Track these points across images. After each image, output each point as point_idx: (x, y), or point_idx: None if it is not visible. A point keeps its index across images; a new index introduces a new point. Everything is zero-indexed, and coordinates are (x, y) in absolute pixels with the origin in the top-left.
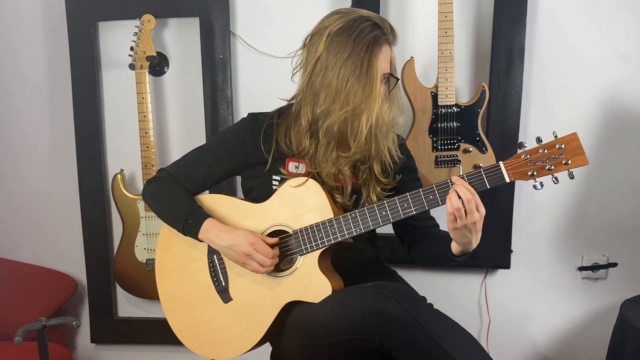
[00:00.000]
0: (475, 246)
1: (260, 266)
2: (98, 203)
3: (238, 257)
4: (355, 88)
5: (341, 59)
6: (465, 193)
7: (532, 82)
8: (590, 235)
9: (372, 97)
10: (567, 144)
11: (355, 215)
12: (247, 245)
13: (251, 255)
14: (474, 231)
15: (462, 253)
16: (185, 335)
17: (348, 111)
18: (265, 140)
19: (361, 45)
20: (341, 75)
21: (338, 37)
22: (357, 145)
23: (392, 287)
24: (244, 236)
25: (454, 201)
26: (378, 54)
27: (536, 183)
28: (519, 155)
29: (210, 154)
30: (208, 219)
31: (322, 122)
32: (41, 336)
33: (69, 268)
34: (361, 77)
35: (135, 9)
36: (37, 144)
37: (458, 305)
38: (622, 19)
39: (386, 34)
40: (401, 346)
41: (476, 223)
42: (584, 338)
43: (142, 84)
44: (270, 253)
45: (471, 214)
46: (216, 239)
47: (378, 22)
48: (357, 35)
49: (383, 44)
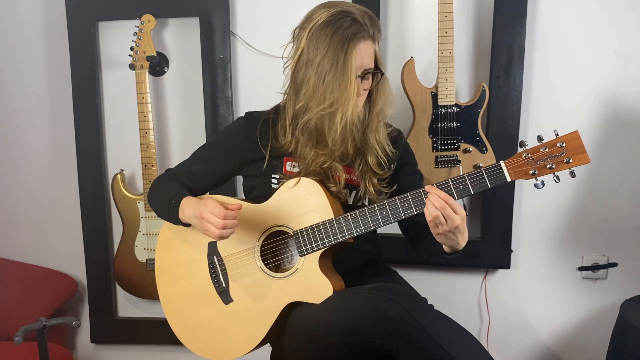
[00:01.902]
0: (464, 244)
1: (214, 227)
2: (98, 203)
3: (199, 223)
4: (332, 85)
5: (319, 55)
6: (438, 201)
7: (532, 82)
8: (590, 235)
9: (347, 94)
10: (569, 143)
11: (356, 216)
12: (203, 207)
13: (205, 217)
14: (458, 233)
15: (452, 251)
16: (186, 336)
17: (324, 108)
18: (262, 137)
19: (338, 42)
20: (319, 71)
21: (318, 33)
22: (332, 143)
23: (393, 289)
24: (203, 201)
25: (431, 210)
26: (353, 50)
27: (537, 182)
28: (520, 154)
29: (208, 153)
30: (186, 197)
31: (301, 118)
32: (41, 336)
33: (69, 268)
34: (337, 74)
35: (135, 9)
36: (37, 144)
37: (458, 305)
38: (622, 18)
39: (365, 29)
40: (402, 348)
41: (458, 226)
42: (584, 338)
43: (142, 84)
44: (221, 213)
45: (451, 220)
46: (188, 211)
47: (357, 17)
48: (334, 31)
49: (360, 40)
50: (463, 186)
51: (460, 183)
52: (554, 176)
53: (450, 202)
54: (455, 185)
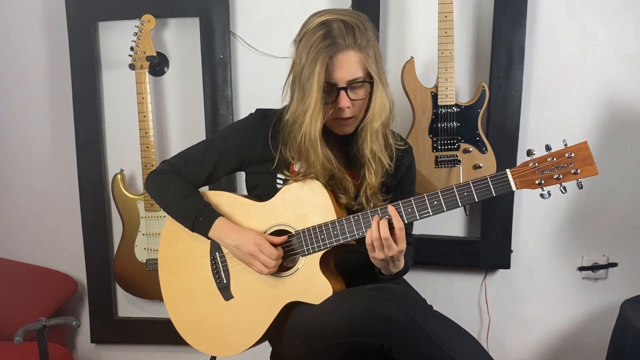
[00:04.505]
0: (396, 272)
1: (264, 267)
2: (98, 203)
3: (244, 256)
4: (299, 99)
5: (299, 68)
6: (384, 231)
7: (532, 82)
8: (590, 235)
9: (304, 107)
10: (577, 153)
11: (358, 218)
12: (252, 246)
13: (256, 255)
14: (391, 262)
15: (388, 273)
16: (186, 330)
17: (297, 121)
18: (273, 137)
19: (312, 55)
20: (300, 84)
21: (301, 47)
22: (315, 158)
23: (393, 290)
24: (251, 237)
25: (373, 234)
26: (320, 65)
27: (544, 192)
28: (526, 163)
29: (216, 149)
30: (219, 218)
31: (290, 130)
32: (41, 336)
33: (69, 268)
34: (302, 88)
35: (135, 9)
36: (37, 144)
37: (458, 305)
38: (622, 18)
39: (338, 41)
40: (401, 348)
41: (393, 256)
42: (584, 338)
43: (142, 84)
44: (274, 254)
45: (389, 249)
46: (225, 238)
47: (333, 29)
48: (312, 45)
49: (332, 52)
50: (467, 193)
51: (464, 190)
52: (560, 187)
53: (400, 232)
54: (459, 192)
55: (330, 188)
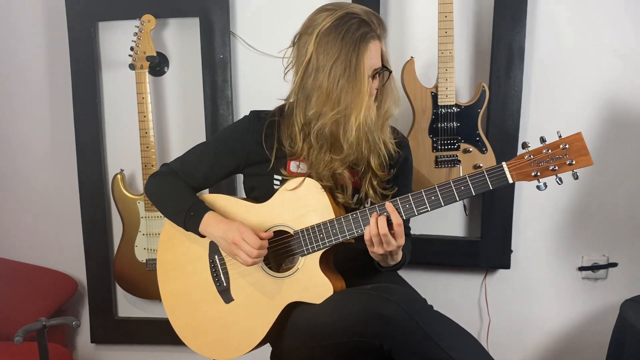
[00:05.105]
0: (394, 264)
1: (247, 256)
2: (98, 203)
3: (228, 246)
4: (345, 88)
5: (331, 60)
6: (382, 227)
7: (532, 82)
8: (590, 235)
9: (361, 96)
10: (572, 144)
11: (357, 216)
12: (237, 234)
13: (238, 244)
14: (389, 256)
15: (386, 265)
16: (187, 334)
17: (340, 112)
18: (267, 139)
19: (349, 45)
20: (332, 76)
21: (327, 37)
22: (348, 146)
23: (393, 290)
24: (235, 226)
25: (372, 230)
26: (365, 52)
27: (540, 184)
28: (522, 155)
29: (212, 152)
30: (209, 212)
31: (314, 124)
32: (41, 336)
33: (69, 268)
34: (350, 77)
35: (135, 9)
36: (37, 144)
37: (458, 306)
38: (622, 18)
39: (374, 29)
40: (401, 348)
41: (392, 251)
42: (584, 338)
43: (142, 84)
44: (257, 244)
45: (387, 244)
46: (213, 230)
47: (365, 18)
48: (344, 35)
49: (370, 40)
50: (464, 187)
51: (461, 184)
52: (556, 178)
53: (399, 228)
54: (456, 186)
55: (327, 187)
